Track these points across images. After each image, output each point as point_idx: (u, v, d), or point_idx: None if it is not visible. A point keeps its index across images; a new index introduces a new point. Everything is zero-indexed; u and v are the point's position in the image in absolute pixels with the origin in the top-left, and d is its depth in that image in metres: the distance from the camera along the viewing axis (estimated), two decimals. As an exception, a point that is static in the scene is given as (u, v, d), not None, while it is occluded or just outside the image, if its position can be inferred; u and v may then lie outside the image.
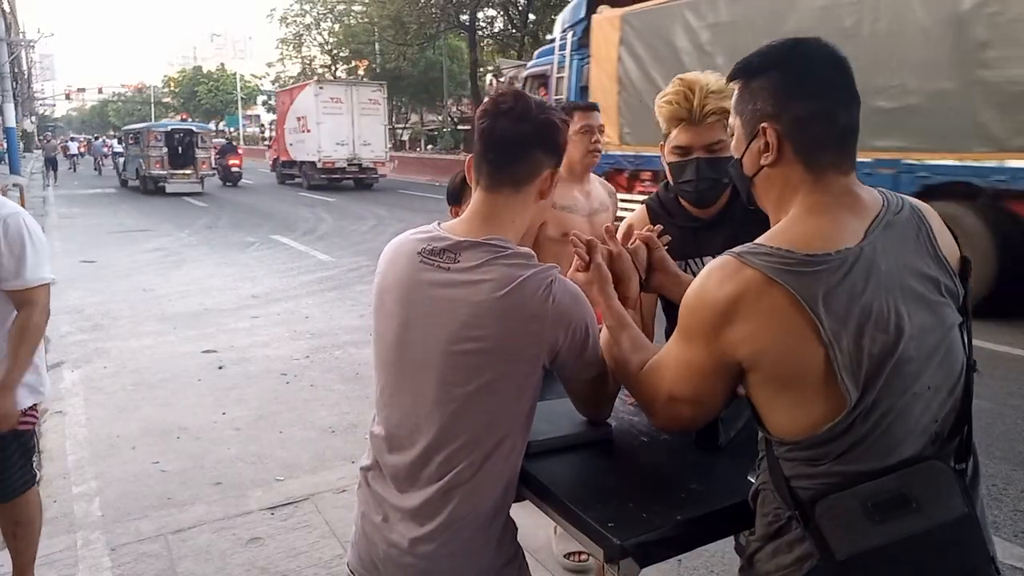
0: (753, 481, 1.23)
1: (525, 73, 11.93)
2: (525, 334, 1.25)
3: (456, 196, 2.64)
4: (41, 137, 29.88)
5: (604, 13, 9.66)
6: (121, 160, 25.57)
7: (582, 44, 10.13)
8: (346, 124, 22.26)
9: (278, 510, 3.26)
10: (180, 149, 21.91)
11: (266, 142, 44.60)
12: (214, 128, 41.14)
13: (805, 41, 1.15)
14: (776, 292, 1.03)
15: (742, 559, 1.20)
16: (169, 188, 21.12)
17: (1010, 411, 4.31)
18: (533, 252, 1.31)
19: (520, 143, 1.32)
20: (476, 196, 1.36)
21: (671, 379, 1.21)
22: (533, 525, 2.98)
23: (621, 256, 1.52)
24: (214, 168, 23.60)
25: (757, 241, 1.11)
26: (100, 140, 41.39)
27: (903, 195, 1.17)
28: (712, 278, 1.11)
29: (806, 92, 1.11)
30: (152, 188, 21.17)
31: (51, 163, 26.97)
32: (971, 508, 1.05)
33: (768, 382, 1.09)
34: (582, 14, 10.14)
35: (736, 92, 1.20)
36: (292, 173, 24.34)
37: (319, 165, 21.80)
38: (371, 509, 1.39)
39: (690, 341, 1.15)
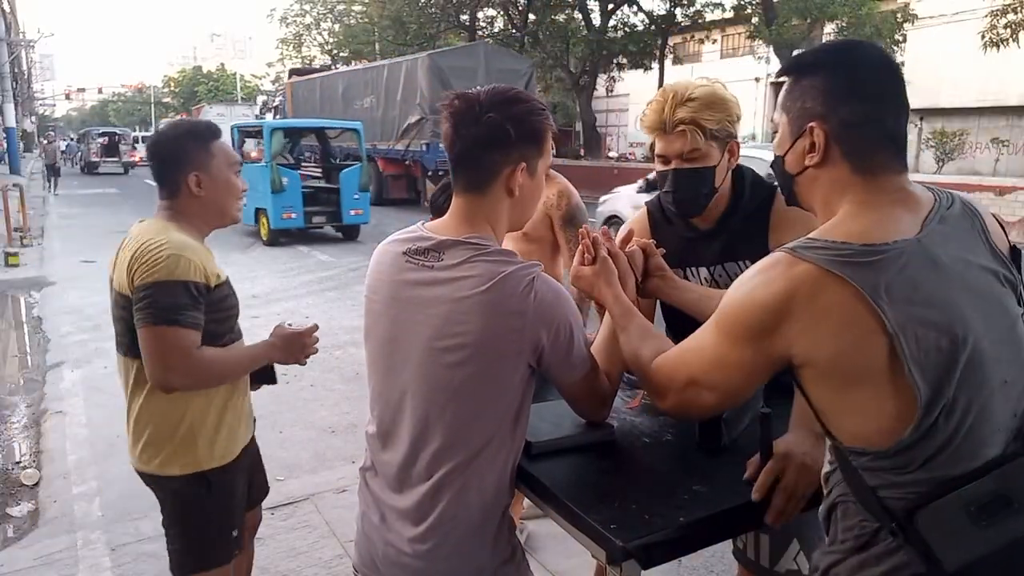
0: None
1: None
2: (507, 330, 1.25)
3: (440, 210, 2.64)
4: (42, 139, 29.30)
5: (291, 79, 23.90)
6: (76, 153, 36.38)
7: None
8: None
9: (278, 510, 3.26)
10: (109, 146, 32.43)
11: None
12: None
13: (861, 43, 1.13)
14: (834, 285, 1.00)
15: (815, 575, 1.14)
16: (101, 170, 31.39)
17: None
18: (515, 251, 1.33)
19: (468, 149, 1.32)
20: (454, 199, 1.38)
21: (697, 366, 1.17)
22: (533, 525, 2.98)
23: (619, 258, 1.53)
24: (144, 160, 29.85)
25: (810, 235, 1.07)
26: (74, 140, 43.36)
27: (952, 191, 1.14)
28: (762, 275, 1.07)
29: (858, 95, 1.08)
30: (88, 171, 31.67)
31: (52, 171, 22.82)
32: None
33: (827, 379, 1.05)
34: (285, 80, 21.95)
35: (784, 88, 1.17)
36: None
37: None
38: (370, 510, 1.41)
39: (733, 338, 1.11)
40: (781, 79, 1.19)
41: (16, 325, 7.09)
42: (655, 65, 23.57)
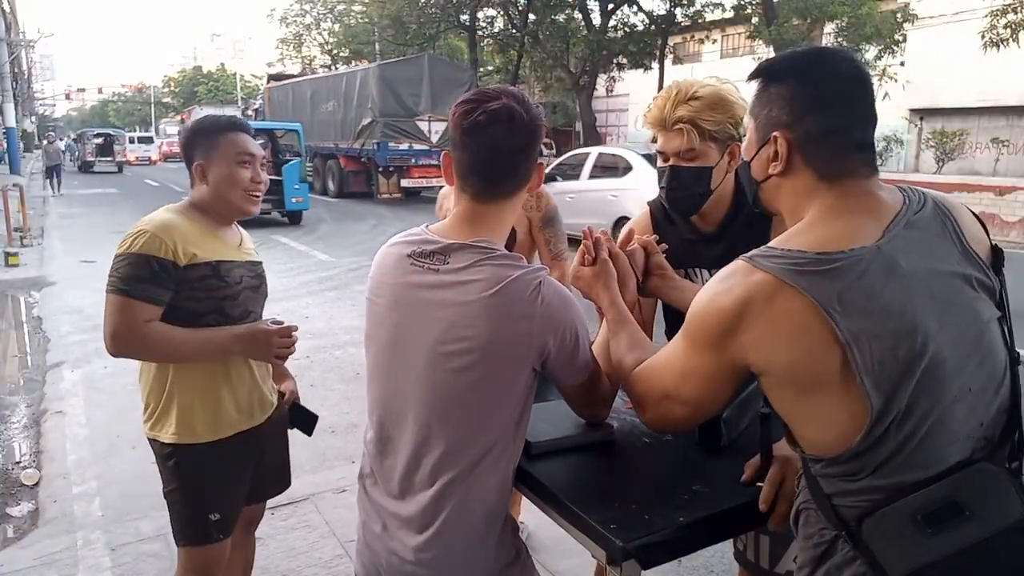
0: (762, 485, 1.22)
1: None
2: (514, 334, 1.24)
3: None
4: (43, 139, 29.23)
5: (269, 84, 27.32)
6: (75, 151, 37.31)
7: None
8: None
9: (278, 510, 3.26)
10: (104, 146, 34.29)
11: (266, 142, 45.28)
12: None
13: (829, 52, 1.12)
14: (788, 294, 1.00)
15: None
16: (96, 169, 32.90)
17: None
18: (521, 255, 1.31)
19: (512, 155, 1.29)
20: (464, 204, 1.33)
21: (669, 379, 1.19)
22: (533, 525, 2.98)
23: (619, 258, 1.53)
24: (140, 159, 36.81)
25: (769, 244, 1.08)
26: (73, 140, 43.56)
27: (926, 191, 1.13)
28: (722, 284, 1.08)
29: (824, 106, 1.08)
30: (84, 170, 32.90)
31: (54, 172, 21.49)
32: None
33: (784, 387, 1.06)
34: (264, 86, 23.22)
35: (754, 92, 1.17)
36: None
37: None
38: (371, 519, 1.39)
39: (696, 346, 1.13)
40: (752, 81, 1.18)
41: (16, 325, 7.09)
42: (655, 65, 23.53)
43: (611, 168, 10.32)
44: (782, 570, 1.68)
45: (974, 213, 1.15)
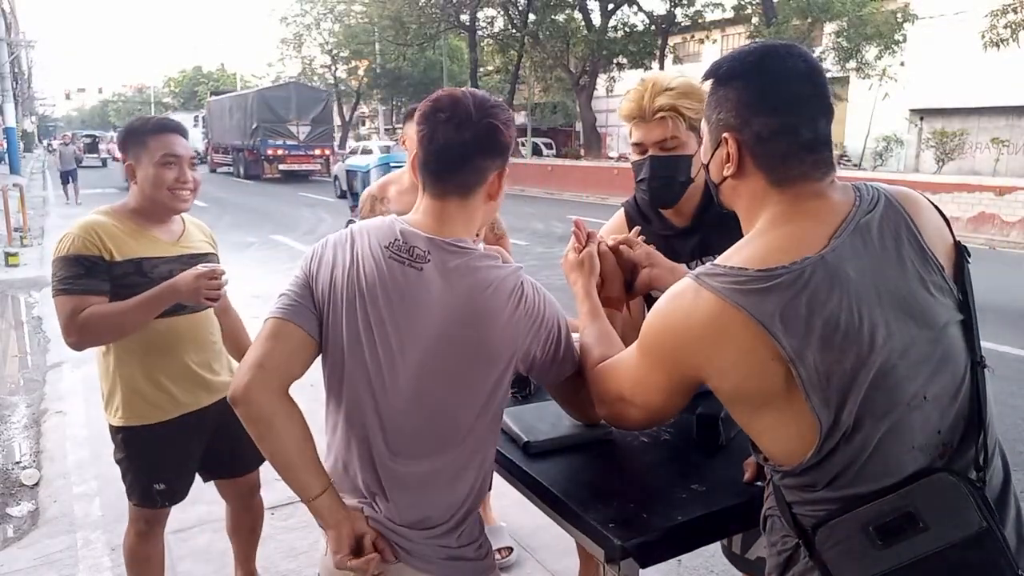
0: (762, 484, 1.22)
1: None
2: (496, 333, 1.25)
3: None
4: (53, 138, 29.32)
5: (210, 98, 35.93)
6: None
7: None
8: None
9: (278, 510, 3.26)
10: (91, 145, 37.64)
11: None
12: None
13: (775, 50, 1.09)
14: (731, 314, 0.99)
15: None
16: (85, 164, 33.54)
17: (1009, 411, 4.30)
18: (502, 251, 1.32)
19: (461, 153, 1.27)
20: (425, 201, 1.32)
21: (625, 383, 1.21)
22: (533, 525, 2.98)
23: (605, 256, 1.53)
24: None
25: (717, 260, 1.07)
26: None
27: (881, 187, 1.10)
28: (672, 302, 1.08)
29: (769, 107, 1.06)
30: (78, 164, 36.31)
31: (69, 177, 18.63)
32: (991, 522, 0.95)
33: (736, 403, 1.06)
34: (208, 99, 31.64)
35: (708, 95, 1.16)
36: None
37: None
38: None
39: (649, 360, 1.14)
40: (705, 82, 1.17)
41: (16, 325, 7.09)
42: (655, 65, 23.54)
43: None
44: (752, 556, 1.74)
45: (936, 207, 1.12)
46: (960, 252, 1.08)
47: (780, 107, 1.06)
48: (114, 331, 1.99)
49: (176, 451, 2.17)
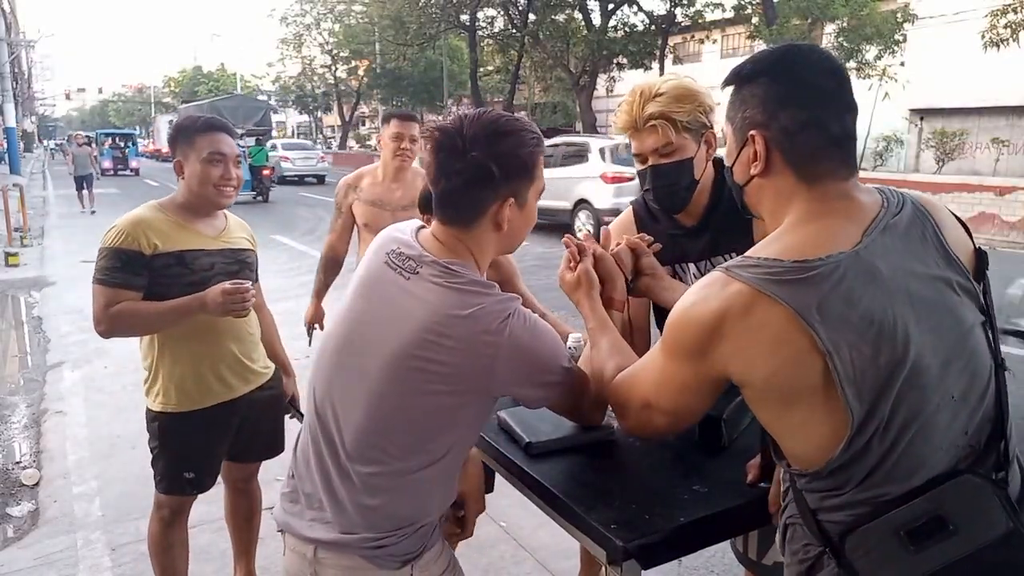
0: (764, 485, 1.22)
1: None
2: (474, 362, 1.20)
3: (429, 205, 2.65)
4: (64, 138, 29.59)
5: (181, 106, 33.86)
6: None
7: None
8: None
9: (278, 510, 3.25)
10: (87, 145, 40.91)
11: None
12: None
13: (799, 47, 1.11)
14: (766, 304, 0.98)
15: None
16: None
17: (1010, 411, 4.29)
18: (495, 283, 1.26)
19: (452, 186, 1.25)
20: (434, 223, 1.32)
21: (649, 388, 1.18)
22: (533, 525, 2.98)
23: (604, 258, 1.53)
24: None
25: (747, 253, 1.06)
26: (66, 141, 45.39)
27: (905, 192, 1.11)
28: (699, 294, 1.06)
29: (796, 101, 1.06)
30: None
31: (84, 182, 17.23)
32: (1017, 522, 0.96)
33: (765, 399, 1.05)
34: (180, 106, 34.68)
35: (729, 98, 1.16)
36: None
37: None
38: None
39: (675, 356, 1.12)
40: (726, 88, 1.16)
41: (16, 325, 7.09)
42: (655, 65, 23.54)
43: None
44: (769, 561, 1.72)
45: (956, 216, 1.13)
46: (980, 257, 1.09)
47: (807, 100, 1.06)
48: (140, 329, 2.14)
49: (208, 440, 2.26)
